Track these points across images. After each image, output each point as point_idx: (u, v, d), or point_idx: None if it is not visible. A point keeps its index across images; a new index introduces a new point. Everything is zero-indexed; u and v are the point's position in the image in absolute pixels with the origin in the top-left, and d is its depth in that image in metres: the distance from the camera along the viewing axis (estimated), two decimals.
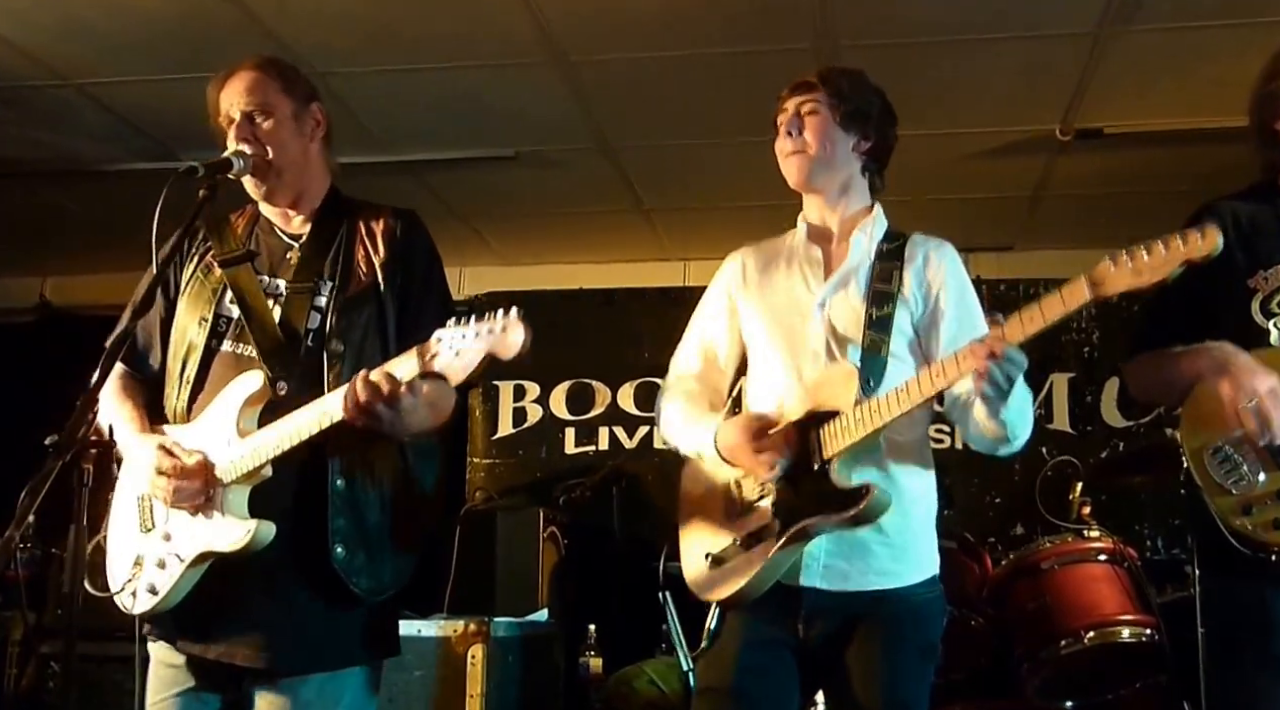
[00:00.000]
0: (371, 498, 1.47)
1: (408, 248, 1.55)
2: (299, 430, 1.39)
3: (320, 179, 1.60)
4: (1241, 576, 1.45)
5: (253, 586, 1.43)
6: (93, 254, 3.81)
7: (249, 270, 1.55)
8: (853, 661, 1.44)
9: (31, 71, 2.70)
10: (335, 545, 1.43)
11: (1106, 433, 3.60)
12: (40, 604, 2.56)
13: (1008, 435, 1.42)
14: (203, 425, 1.49)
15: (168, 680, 1.49)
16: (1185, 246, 1.22)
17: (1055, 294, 1.28)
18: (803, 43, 2.56)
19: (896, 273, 1.52)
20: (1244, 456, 1.42)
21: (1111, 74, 2.66)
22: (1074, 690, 2.49)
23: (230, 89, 1.54)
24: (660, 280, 3.96)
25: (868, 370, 1.44)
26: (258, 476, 1.43)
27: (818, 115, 1.53)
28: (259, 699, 1.44)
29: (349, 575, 1.43)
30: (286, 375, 1.46)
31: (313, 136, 1.57)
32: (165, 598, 1.44)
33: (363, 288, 1.51)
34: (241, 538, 1.40)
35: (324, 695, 1.43)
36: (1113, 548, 2.47)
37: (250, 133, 1.51)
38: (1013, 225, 3.67)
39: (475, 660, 2.31)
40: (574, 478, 3.46)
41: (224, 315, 1.52)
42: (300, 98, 1.56)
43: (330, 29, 2.52)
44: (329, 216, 1.58)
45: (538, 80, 2.75)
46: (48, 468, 1.20)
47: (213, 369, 1.51)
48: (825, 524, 1.39)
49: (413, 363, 1.32)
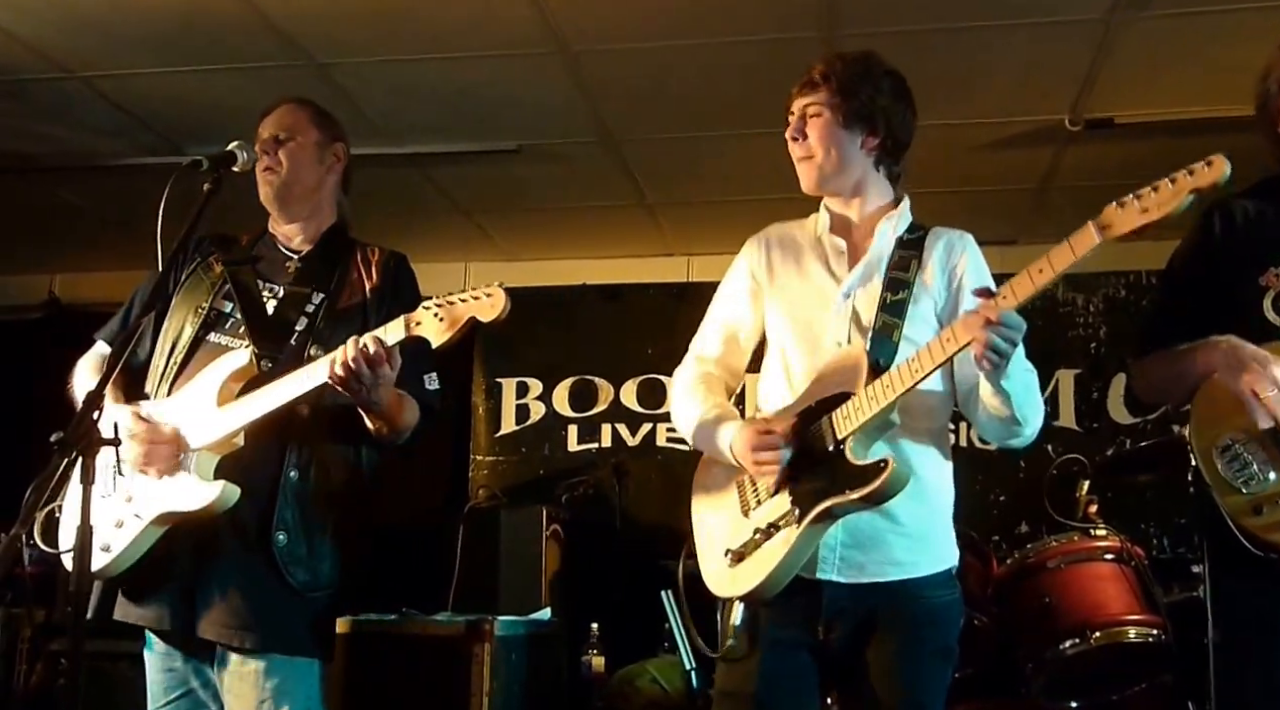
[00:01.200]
0: (320, 493, 1.52)
1: (399, 279, 1.67)
2: (275, 399, 1.45)
3: (329, 210, 1.72)
4: (1252, 576, 1.42)
5: (209, 564, 1.47)
6: (101, 250, 3.82)
7: (250, 271, 1.63)
8: (871, 663, 1.43)
9: (36, 64, 2.69)
10: (277, 532, 1.48)
11: (1113, 430, 3.57)
12: (49, 601, 2.56)
13: (1015, 415, 1.40)
14: (182, 398, 1.54)
15: (167, 684, 1.54)
16: (1192, 178, 1.20)
17: (1064, 243, 1.25)
18: (808, 32, 2.53)
19: (915, 261, 1.50)
20: (1254, 454, 1.40)
21: (1122, 62, 2.63)
22: (1079, 691, 2.46)
23: (268, 120, 1.70)
24: (664, 276, 3.94)
25: (877, 352, 1.42)
26: (230, 445, 1.48)
27: (821, 118, 1.51)
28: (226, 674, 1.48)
29: (286, 564, 1.48)
30: (272, 355, 1.53)
31: (331, 169, 1.70)
32: (117, 558, 1.48)
33: (352, 304, 1.61)
34: (208, 497, 1.44)
35: (286, 678, 1.47)
36: (1119, 547, 2.44)
37: (273, 148, 1.66)
38: (1017, 218, 3.64)
39: (481, 659, 2.30)
40: (577, 475, 3.46)
41: (217, 309, 1.59)
42: (327, 133, 1.71)
43: (333, 21, 2.51)
44: (331, 241, 1.70)
45: (541, 72, 2.73)
46: (53, 465, 1.21)
47: (197, 358, 1.56)
48: (846, 503, 1.37)
49: (399, 328, 1.40)
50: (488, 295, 1.37)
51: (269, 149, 1.66)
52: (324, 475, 1.52)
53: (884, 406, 1.36)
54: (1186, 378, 1.49)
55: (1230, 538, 1.40)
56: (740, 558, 1.45)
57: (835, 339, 1.49)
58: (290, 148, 1.67)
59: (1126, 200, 1.22)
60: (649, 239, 3.93)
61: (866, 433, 1.39)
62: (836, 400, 1.41)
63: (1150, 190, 1.21)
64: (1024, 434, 1.44)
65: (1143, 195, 1.21)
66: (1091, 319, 3.64)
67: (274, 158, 1.65)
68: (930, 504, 1.47)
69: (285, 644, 1.49)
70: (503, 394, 3.88)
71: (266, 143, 1.67)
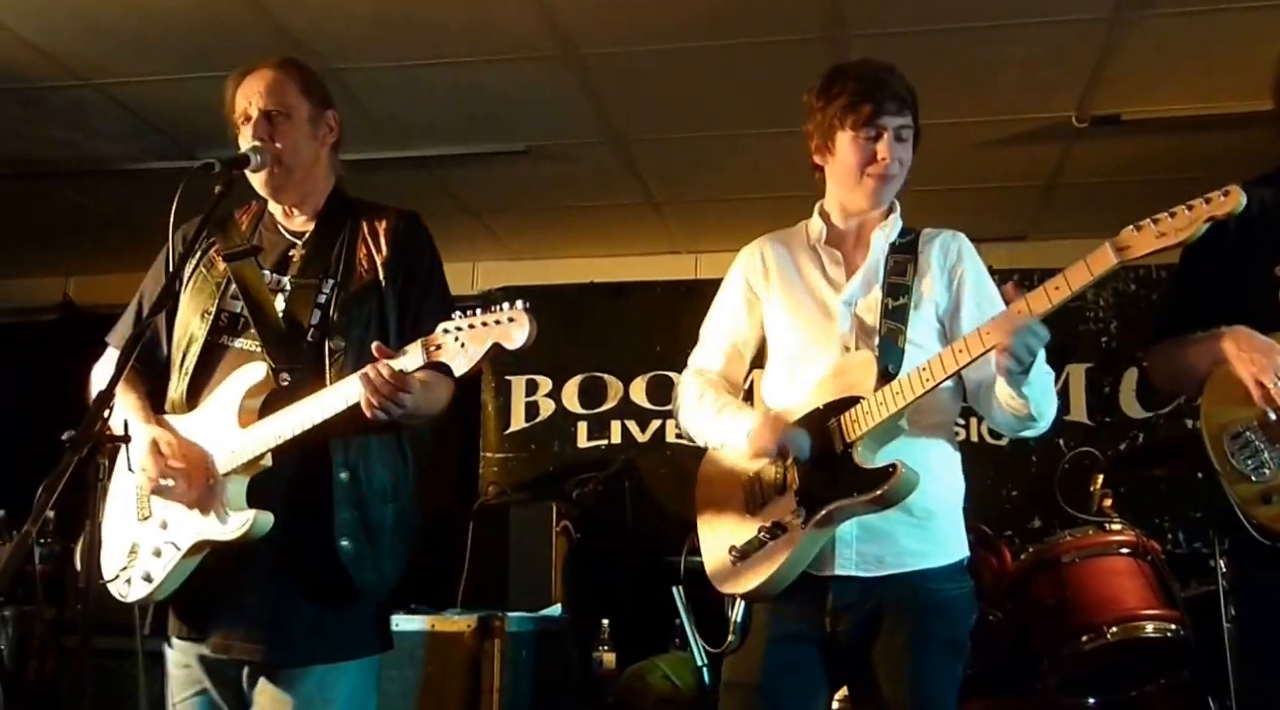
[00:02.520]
0: (375, 490, 1.48)
1: (409, 246, 1.57)
2: (301, 421, 1.41)
3: (325, 181, 1.61)
4: (1268, 566, 1.42)
5: (251, 579, 1.44)
6: (115, 253, 3.85)
7: (253, 265, 1.56)
8: (879, 657, 1.43)
9: (50, 71, 2.73)
10: (341, 538, 1.43)
11: (1125, 424, 3.55)
12: (60, 599, 2.59)
13: (1032, 413, 1.42)
14: (202, 415, 1.50)
15: (184, 681, 1.50)
16: (1208, 206, 1.22)
17: (1080, 262, 1.28)
18: (813, 32, 2.54)
19: (911, 266, 1.51)
20: (1264, 443, 1.40)
21: (1129, 59, 2.62)
22: (1096, 686, 2.45)
23: (249, 86, 1.55)
24: (671, 274, 3.94)
25: (886, 358, 1.44)
26: (257, 467, 1.44)
27: (906, 142, 1.51)
28: (258, 693, 1.45)
29: (355, 569, 1.44)
30: (289, 367, 1.48)
31: (324, 141, 1.58)
32: (160, 586, 1.45)
33: (364, 284, 1.53)
34: (239, 527, 1.40)
35: (324, 689, 1.44)
36: (1135, 541, 2.42)
37: (267, 131, 1.53)
38: (1026, 215, 3.63)
39: (491, 655, 2.31)
40: (586, 472, 3.46)
41: (225, 310, 1.54)
42: (318, 102, 1.58)
43: (343, 24, 2.52)
44: (333, 215, 1.60)
45: (548, 74, 2.74)
46: (64, 463, 1.21)
47: (213, 362, 1.52)
48: (852, 507, 1.38)
49: (418, 355, 1.34)
50: (511, 319, 1.27)
51: (262, 134, 1.50)
52: (374, 472, 1.47)
53: (895, 412, 1.37)
54: (1197, 367, 1.49)
55: (1243, 526, 1.39)
56: (744, 556, 1.45)
57: (843, 345, 1.50)
58: (285, 128, 1.51)
59: (1144, 224, 1.25)
60: (656, 237, 3.94)
61: (875, 437, 1.39)
62: (845, 404, 1.41)
63: (1167, 215, 1.24)
64: (1038, 427, 1.46)
65: (1160, 220, 1.24)
66: (1102, 313, 3.62)
67: (268, 141, 1.50)
68: (940, 496, 1.48)
69: (350, 650, 1.45)
70: (512, 391, 3.90)
71: (258, 123, 1.51)
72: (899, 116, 1.50)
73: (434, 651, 2.34)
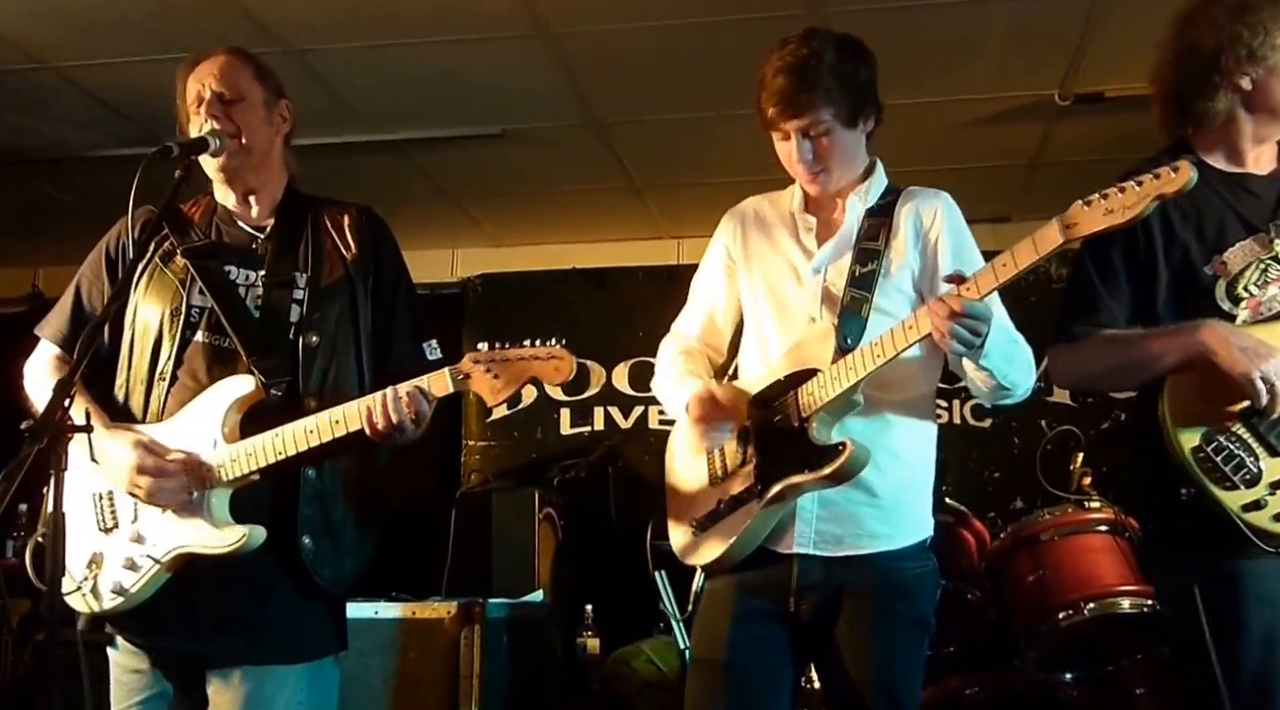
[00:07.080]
0: (337, 486, 1.47)
1: (377, 242, 1.57)
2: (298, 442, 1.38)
3: (280, 174, 1.59)
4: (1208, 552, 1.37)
5: (222, 581, 1.41)
6: (84, 243, 3.72)
7: (217, 261, 1.53)
8: (843, 636, 1.42)
9: (6, 54, 2.66)
10: (303, 536, 1.42)
11: (1107, 403, 3.56)
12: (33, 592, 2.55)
13: (1000, 383, 1.40)
14: (182, 425, 1.46)
15: (131, 686, 1.47)
16: (1158, 182, 1.19)
17: (1028, 239, 1.25)
18: (794, 9, 2.50)
19: (884, 230, 1.48)
20: (1239, 446, 1.36)
21: (1112, 35, 2.60)
22: (1074, 662, 2.47)
23: (201, 71, 1.52)
24: (653, 259, 3.92)
25: (845, 328, 1.41)
26: (245, 482, 1.41)
27: (829, 137, 1.45)
28: (215, 693, 1.43)
29: (314, 566, 1.43)
30: (277, 376, 1.45)
31: (279, 130, 1.56)
32: (132, 597, 1.43)
33: (334, 280, 1.52)
34: (233, 542, 1.38)
35: (284, 688, 1.42)
36: (1114, 518, 2.43)
37: (222, 111, 1.50)
38: (1010, 195, 3.62)
39: (471, 641, 2.30)
40: (569, 458, 3.45)
41: (195, 305, 1.50)
42: (271, 89, 1.56)
43: (308, 6, 2.47)
44: (292, 209, 1.58)
45: (523, 55, 2.69)
46: (23, 454, 1.19)
47: (187, 359, 1.48)
48: (805, 483, 1.37)
49: (445, 383, 1.36)
50: (554, 358, 1.32)
51: (216, 113, 1.47)
52: (340, 469, 1.46)
53: (845, 389, 1.35)
54: (1160, 360, 1.41)
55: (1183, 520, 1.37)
56: (704, 527, 1.45)
57: (808, 314, 1.48)
58: (240, 109, 1.49)
59: (1093, 199, 1.21)
60: (638, 222, 3.90)
61: (831, 412, 1.38)
62: (804, 376, 1.40)
63: (1116, 191, 1.20)
64: (1015, 395, 1.44)
65: (1109, 195, 1.20)
66: None
67: (225, 122, 1.47)
68: (905, 477, 1.46)
69: (309, 650, 1.44)
70: None
71: (212, 104, 1.48)
72: (800, 118, 1.42)
73: (414, 639, 2.33)
